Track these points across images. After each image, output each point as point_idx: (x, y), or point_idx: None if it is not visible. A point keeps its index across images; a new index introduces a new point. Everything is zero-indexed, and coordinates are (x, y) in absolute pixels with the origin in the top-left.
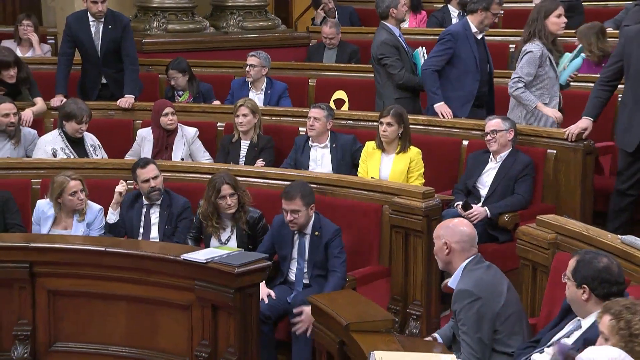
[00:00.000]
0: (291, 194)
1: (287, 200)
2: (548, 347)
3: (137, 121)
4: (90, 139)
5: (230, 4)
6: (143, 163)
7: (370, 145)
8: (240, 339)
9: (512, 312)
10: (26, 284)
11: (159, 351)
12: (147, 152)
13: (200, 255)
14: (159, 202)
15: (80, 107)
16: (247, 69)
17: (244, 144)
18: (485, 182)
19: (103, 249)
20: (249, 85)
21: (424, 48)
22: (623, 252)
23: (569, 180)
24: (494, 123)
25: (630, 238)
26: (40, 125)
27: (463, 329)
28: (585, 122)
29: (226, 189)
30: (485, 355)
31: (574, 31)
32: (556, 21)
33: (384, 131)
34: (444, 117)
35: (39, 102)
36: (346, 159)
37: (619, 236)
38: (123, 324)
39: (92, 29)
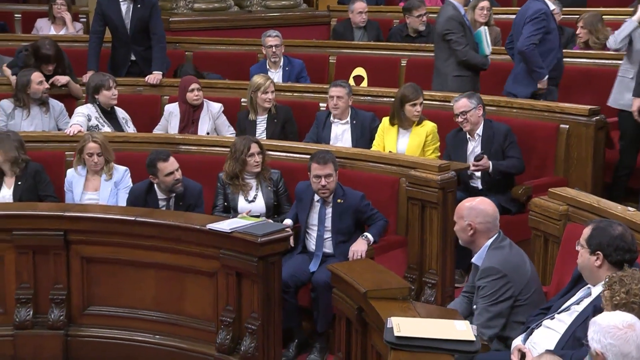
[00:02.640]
0: (326, 158)
1: (321, 165)
2: (559, 313)
3: (165, 97)
4: (122, 113)
5: None
6: (164, 156)
7: (386, 120)
8: (264, 305)
9: (534, 289)
10: (61, 251)
11: (186, 316)
12: (174, 126)
13: (225, 225)
14: (173, 195)
15: (102, 76)
16: (272, 49)
17: (261, 120)
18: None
19: (133, 218)
20: (267, 65)
21: (486, 28)
22: (633, 223)
23: (580, 154)
24: (461, 104)
25: None
26: (73, 105)
27: (483, 300)
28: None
29: (254, 147)
30: (499, 325)
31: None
32: None
33: (416, 112)
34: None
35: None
36: (365, 135)
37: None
38: (152, 289)
39: (122, 8)
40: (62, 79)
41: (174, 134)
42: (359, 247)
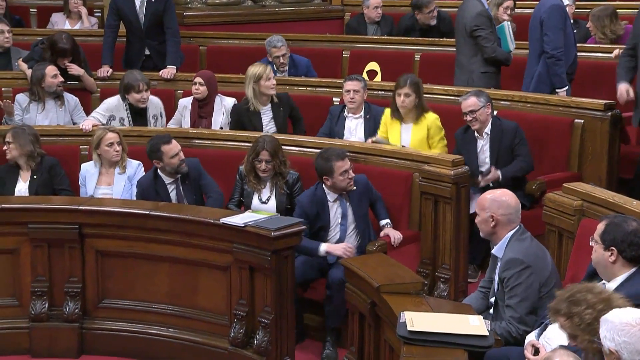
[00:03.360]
0: (341, 153)
1: (344, 160)
2: None
3: (179, 91)
4: (154, 108)
5: None
6: (166, 139)
7: (389, 112)
8: (276, 298)
9: (555, 281)
10: (76, 244)
11: (200, 309)
12: (187, 121)
13: (238, 220)
14: (178, 177)
15: (136, 77)
16: (280, 59)
17: (265, 110)
18: (483, 161)
19: (147, 212)
20: (274, 67)
21: (509, 23)
22: None
23: (595, 149)
24: (470, 103)
25: None
26: (87, 95)
27: (511, 293)
28: (623, 85)
29: (264, 155)
30: (529, 321)
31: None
32: None
33: (402, 102)
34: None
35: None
36: (378, 129)
37: None
38: (166, 283)
39: (137, 3)
40: (76, 70)
41: (187, 129)
42: (394, 233)
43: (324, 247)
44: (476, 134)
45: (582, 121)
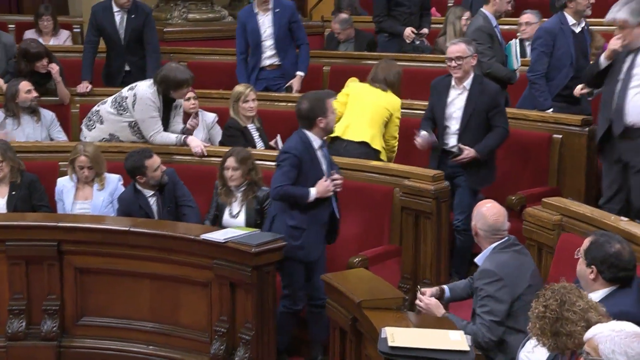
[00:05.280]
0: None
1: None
2: None
3: None
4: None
5: None
6: (148, 153)
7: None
8: (257, 314)
9: (532, 299)
10: (55, 261)
11: (181, 326)
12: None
13: (219, 235)
14: (157, 188)
15: (187, 78)
16: None
17: (252, 128)
18: (453, 114)
19: (127, 228)
20: (254, 9)
21: (517, 40)
22: (626, 233)
23: (574, 164)
24: (459, 48)
25: None
26: (66, 111)
27: (482, 303)
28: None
29: (230, 161)
30: (498, 334)
31: None
32: None
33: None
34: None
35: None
36: None
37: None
38: (146, 300)
39: (117, 19)
40: (55, 67)
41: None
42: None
43: (313, 192)
44: (453, 83)
45: (561, 136)
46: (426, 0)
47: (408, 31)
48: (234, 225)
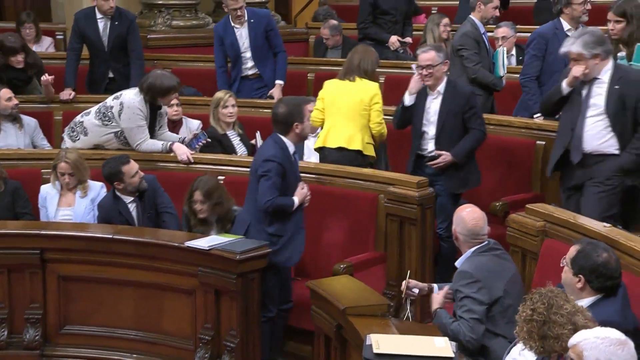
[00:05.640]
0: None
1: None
2: None
3: None
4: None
5: None
6: (124, 159)
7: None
8: (242, 322)
9: (510, 303)
10: (37, 270)
11: (165, 334)
12: None
13: (203, 243)
14: (137, 195)
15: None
16: (237, 12)
17: (232, 134)
18: (430, 119)
19: (111, 236)
20: (231, 22)
21: (504, 48)
22: (609, 239)
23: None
24: (429, 56)
25: None
26: (49, 118)
27: (461, 304)
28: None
29: (197, 195)
30: (479, 332)
31: None
32: None
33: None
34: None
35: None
36: None
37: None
38: (130, 308)
39: (100, 26)
40: (49, 79)
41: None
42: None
43: (296, 200)
44: (427, 89)
45: (544, 143)
46: (410, 10)
47: (394, 39)
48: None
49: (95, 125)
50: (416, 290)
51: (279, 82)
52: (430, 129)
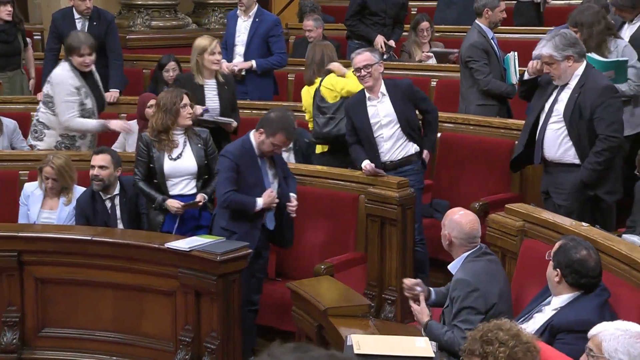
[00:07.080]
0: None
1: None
2: (521, 322)
3: (122, 114)
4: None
5: (211, 1)
6: (98, 151)
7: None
8: (223, 323)
9: (504, 309)
10: (15, 272)
11: (145, 336)
12: (132, 143)
13: (183, 244)
14: (115, 194)
15: (79, 39)
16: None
17: (210, 84)
18: (381, 122)
19: (89, 237)
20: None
21: (515, 53)
22: (587, 239)
23: (536, 170)
24: (364, 57)
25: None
26: (28, 119)
27: (458, 313)
28: None
29: (186, 99)
30: None
31: None
32: None
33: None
34: None
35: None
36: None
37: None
38: (109, 310)
39: (78, 26)
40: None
41: (132, 152)
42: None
43: (260, 202)
44: (367, 95)
45: None
46: (401, 13)
47: (380, 39)
48: (180, 168)
49: (49, 115)
50: (419, 288)
51: (253, 63)
52: (385, 131)
